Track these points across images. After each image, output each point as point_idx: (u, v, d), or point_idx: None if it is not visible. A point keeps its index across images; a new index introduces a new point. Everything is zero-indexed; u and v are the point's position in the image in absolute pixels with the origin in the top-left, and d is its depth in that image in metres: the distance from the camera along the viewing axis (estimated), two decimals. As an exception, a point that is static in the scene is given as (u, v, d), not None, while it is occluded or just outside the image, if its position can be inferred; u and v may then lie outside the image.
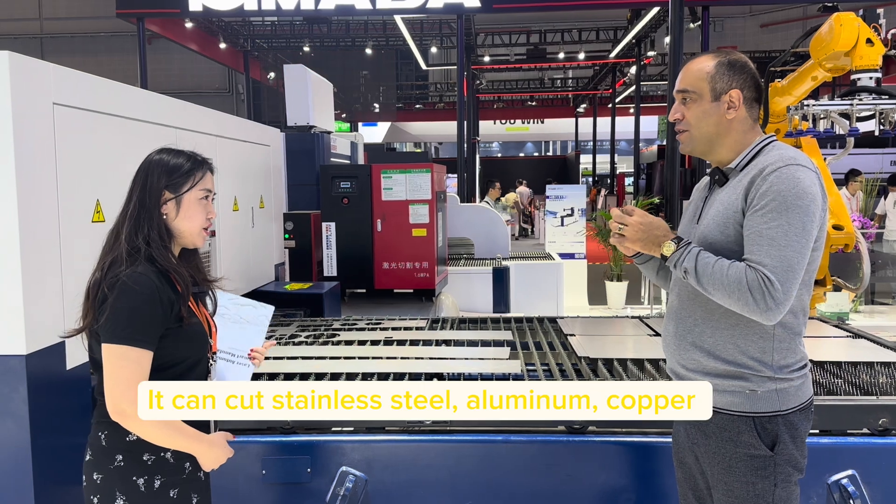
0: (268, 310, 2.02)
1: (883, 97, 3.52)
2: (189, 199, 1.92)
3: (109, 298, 1.78)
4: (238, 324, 2.00)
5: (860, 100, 3.53)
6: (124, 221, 1.88)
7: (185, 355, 1.89)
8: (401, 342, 3.53)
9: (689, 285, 2.00)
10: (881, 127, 3.56)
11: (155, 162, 1.92)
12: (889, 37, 3.57)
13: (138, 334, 1.77)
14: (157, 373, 1.81)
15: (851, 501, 2.48)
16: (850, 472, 2.52)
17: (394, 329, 3.84)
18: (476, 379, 2.91)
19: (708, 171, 2.13)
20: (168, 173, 1.90)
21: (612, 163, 26.39)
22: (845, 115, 3.57)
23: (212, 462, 1.92)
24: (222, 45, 19.98)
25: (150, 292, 1.80)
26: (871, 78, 3.54)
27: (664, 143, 11.84)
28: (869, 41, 3.48)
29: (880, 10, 3.68)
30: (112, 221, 1.95)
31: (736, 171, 2.01)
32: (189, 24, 17.71)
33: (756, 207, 1.87)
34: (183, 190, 1.91)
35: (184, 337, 1.87)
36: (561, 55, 22.42)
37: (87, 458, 1.87)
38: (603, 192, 23.72)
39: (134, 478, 1.82)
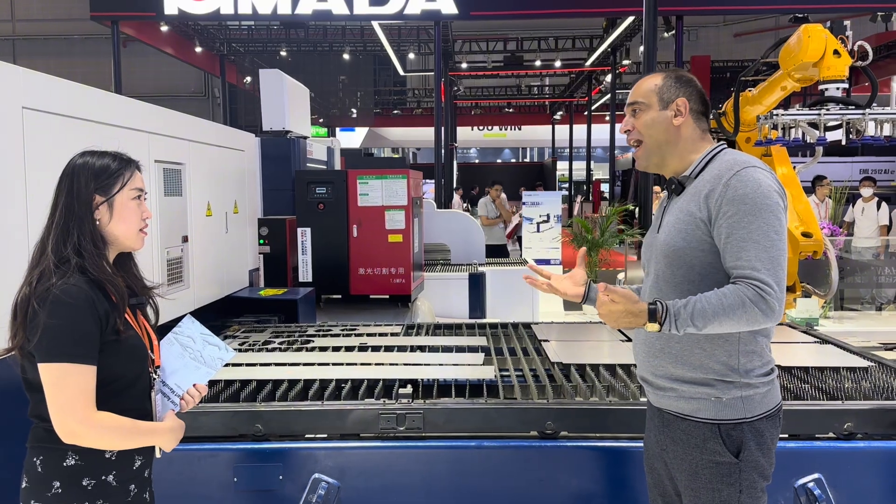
0: (229, 354, 1.95)
1: (850, 107, 3.60)
2: (121, 200, 1.83)
3: (41, 315, 1.66)
4: (196, 362, 1.92)
5: (828, 110, 3.61)
6: (50, 232, 1.77)
7: (122, 371, 1.78)
8: (375, 348, 3.52)
9: (658, 293, 2.03)
10: (848, 136, 3.64)
11: (79, 166, 1.81)
12: (856, 48, 3.64)
13: (77, 349, 1.66)
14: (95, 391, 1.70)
15: (818, 505, 2.52)
16: (816, 475, 2.55)
17: (369, 335, 3.83)
18: (450, 385, 2.92)
19: (665, 184, 2.18)
20: (95, 176, 1.80)
21: (588, 169, 26.57)
22: (814, 125, 3.64)
23: (173, 444, 1.87)
24: (198, 49, 19.82)
25: (85, 304, 1.69)
26: (838, 88, 3.61)
27: (639, 150, 11.88)
28: (836, 52, 3.55)
29: (847, 22, 3.76)
30: None
31: (691, 179, 2.06)
32: (164, 28, 17.55)
33: (728, 214, 1.89)
34: (113, 191, 1.82)
35: (121, 352, 1.77)
36: (538, 63, 22.58)
37: (24, 485, 1.76)
38: (579, 198, 23.87)
39: None
